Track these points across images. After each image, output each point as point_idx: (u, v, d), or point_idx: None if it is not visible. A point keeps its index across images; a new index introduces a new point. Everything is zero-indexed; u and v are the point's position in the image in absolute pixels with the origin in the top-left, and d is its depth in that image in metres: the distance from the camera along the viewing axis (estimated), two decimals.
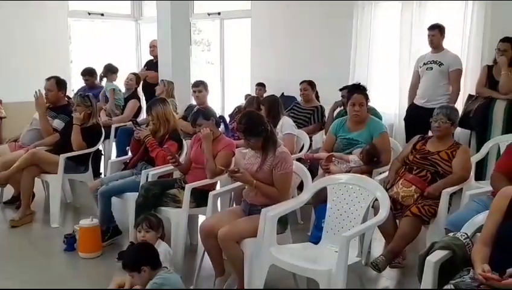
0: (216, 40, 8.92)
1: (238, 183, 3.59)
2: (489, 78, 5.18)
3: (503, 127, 5.01)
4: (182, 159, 4.20)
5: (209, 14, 8.70)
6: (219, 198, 4.36)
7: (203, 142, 3.82)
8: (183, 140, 4.43)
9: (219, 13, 8.54)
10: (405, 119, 5.69)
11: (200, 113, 3.93)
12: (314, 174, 4.40)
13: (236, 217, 3.32)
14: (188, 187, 3.72)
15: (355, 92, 4.27)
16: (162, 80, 6.23)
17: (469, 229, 2.64)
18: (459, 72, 5.31)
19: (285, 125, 4.85)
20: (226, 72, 8.88)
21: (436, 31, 5.31)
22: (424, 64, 5.44)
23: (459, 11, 5.62)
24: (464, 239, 2.54)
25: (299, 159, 4.61)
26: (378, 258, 3.48)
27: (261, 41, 7.79)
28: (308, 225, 4.39)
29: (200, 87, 5.53)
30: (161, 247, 3.33)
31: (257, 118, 3.34)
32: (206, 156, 3.77)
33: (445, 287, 2.26)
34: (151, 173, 4.04)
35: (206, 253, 3.41)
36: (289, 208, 3.24)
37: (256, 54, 7.92)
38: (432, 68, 5.38)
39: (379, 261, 3.45)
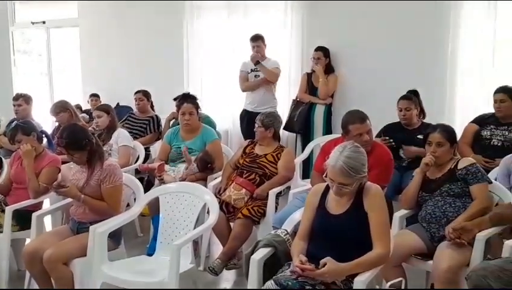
0: (44, 50, 8.41)
1: (67, 200, 3.42)
2: (309, 84, 5.63)
3: (323, 129, 5.49)
4: (2, 179, 3.86)
5: (33, 23, 8.17)
6: (50, 218, 4.12)
7: (24, 160, 3.57)
8: (3, 159, 4.08)
9: (44, 22, 8.07)
10: (241, 125, 5.91)
11: (19, 129, 3.66)
12: (152, 185, 4.41)
13: (63, 237, 3.16)
14: (9, 209, 3.46)
15: (185, 101, 4.34)
16: None
17: (289, 226, 2.84)
18: (277, 70, 5.59)
19: (121, 137, 4.76)
20: (57, 83, 8.41)
21: (260, 42, 5.61)
22: (252, 70, 5.71)
23: (280, 22, 5.99)
24: (284, 235, 2.74)
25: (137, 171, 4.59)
26: (214, 262, 3.59)
27: (91, 51, 7.50)
28: (148, 237, 4.33)
29: (19, 100, 5.18)
30: None
31: (80, 131, 3.21)
32: (28, 175, 3.53)
33: (267, 283, 2.40)
34: None
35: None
36: (120, 223, 3.17)
37: (86, 64, 7.61)
38: (259, 76, 5.67)
39: (215, 265, 3.56)
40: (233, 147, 5.31)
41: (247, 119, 5.65)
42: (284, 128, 5.45)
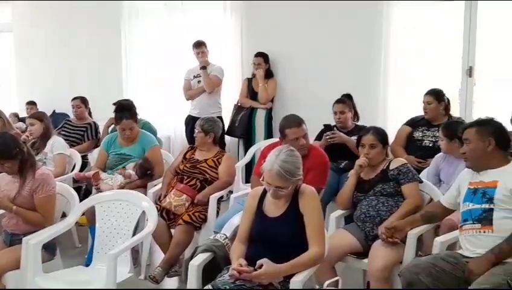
0: None
1: (0, 212, 3.28)
2: (250, 89, 5.68)
3: (265, 133, 5.55)
4: None
5: None
6: None
7: None
8: None
9: None
10: (186, 130, 5.87)
11: None
12: (91, 193, 4.30)
13: None
14: None
15: (123, 117, 4.23)
16: None
17: (228, 230, 2.86)
18: (217, 79, 5.61)
19: (56, 144, 4.64)
20: None
21: (203, 47, 5.59)
22: (195, 76, 5.69)
23: (219, 26, 6.00)
24: (223, 240, 2.74)
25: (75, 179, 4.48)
26: (155, 270, 3.54)
27: (26, 57, 7.24)
28: (87, 247, 4.21)
29: None
30: None
31: (10, 140, 3.11)
32: None
33: (205, 288, 2.39)
34: None
35: None
36: (54, 233, 3.08)
37: (21, 70, 7.34)
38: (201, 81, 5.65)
39: (156, 273, 3.50)
40: (175, 154, 5.24)
41: (192, 124, 5.60)
42: (226, 133, 5.48)
